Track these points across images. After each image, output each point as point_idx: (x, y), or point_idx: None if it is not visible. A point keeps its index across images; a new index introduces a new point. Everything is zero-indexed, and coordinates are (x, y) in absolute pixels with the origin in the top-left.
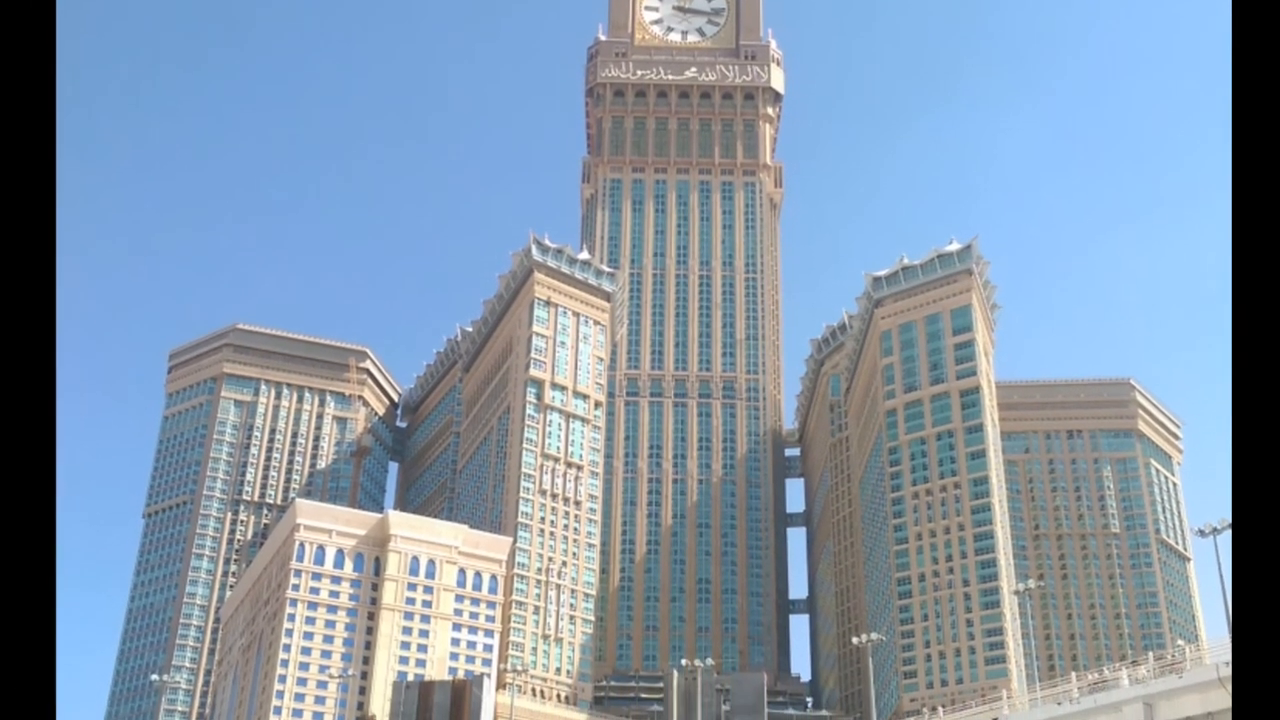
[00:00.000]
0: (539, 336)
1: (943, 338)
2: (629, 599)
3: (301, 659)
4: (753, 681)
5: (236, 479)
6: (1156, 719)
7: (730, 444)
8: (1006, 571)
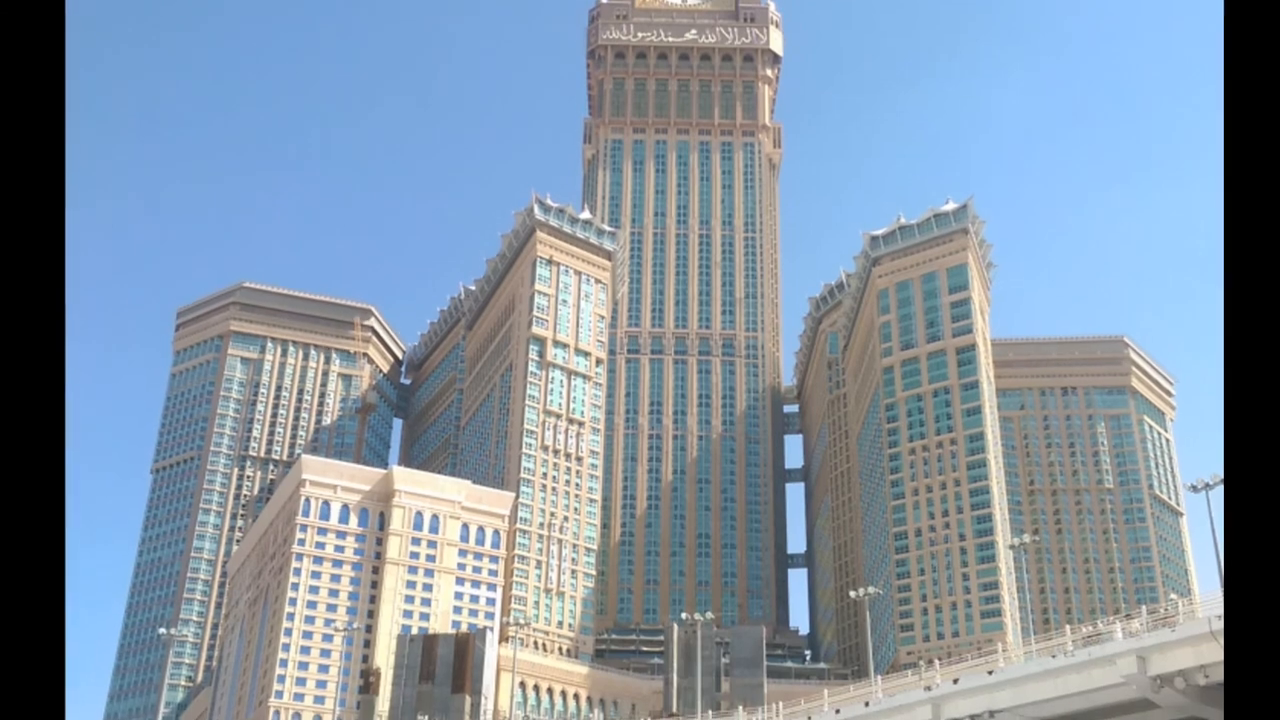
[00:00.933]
0: (541, 295)
1: (939, 296)
2: (630, 553)
3: (307, 613)
4: (752, 635)
5: (243, 435)
6: (1150, 671)
7: (730, 400)
8: (1002, 526)
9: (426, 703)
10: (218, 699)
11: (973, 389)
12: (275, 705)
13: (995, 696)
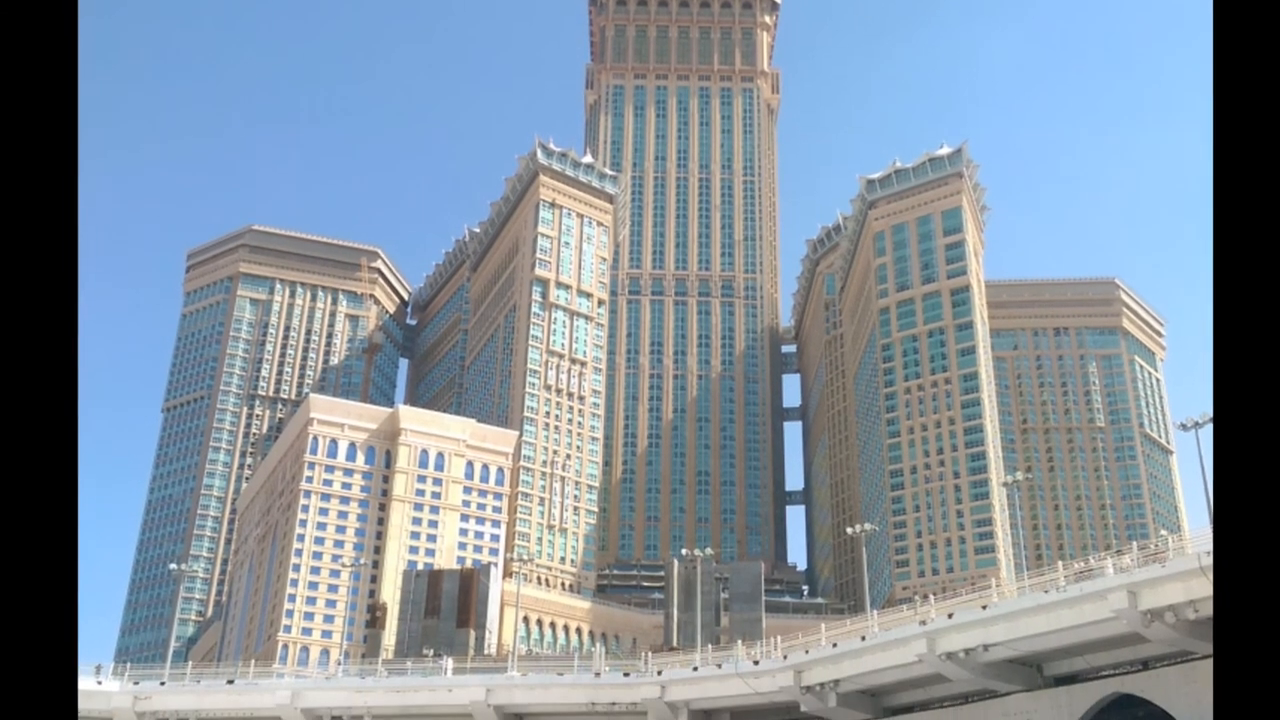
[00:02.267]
0: (544, 237)
1: (934, 238)
2: (631, 491)
3: (315, 549)
4: (750, 570)
5: (252, 375)
6: (1140, 607)
7: (729, 341)
8: (995, 464)
9: (432, 636)
10: (227, 633)
11: (967, 329)
12: (284, 639)
13: (989, 631)
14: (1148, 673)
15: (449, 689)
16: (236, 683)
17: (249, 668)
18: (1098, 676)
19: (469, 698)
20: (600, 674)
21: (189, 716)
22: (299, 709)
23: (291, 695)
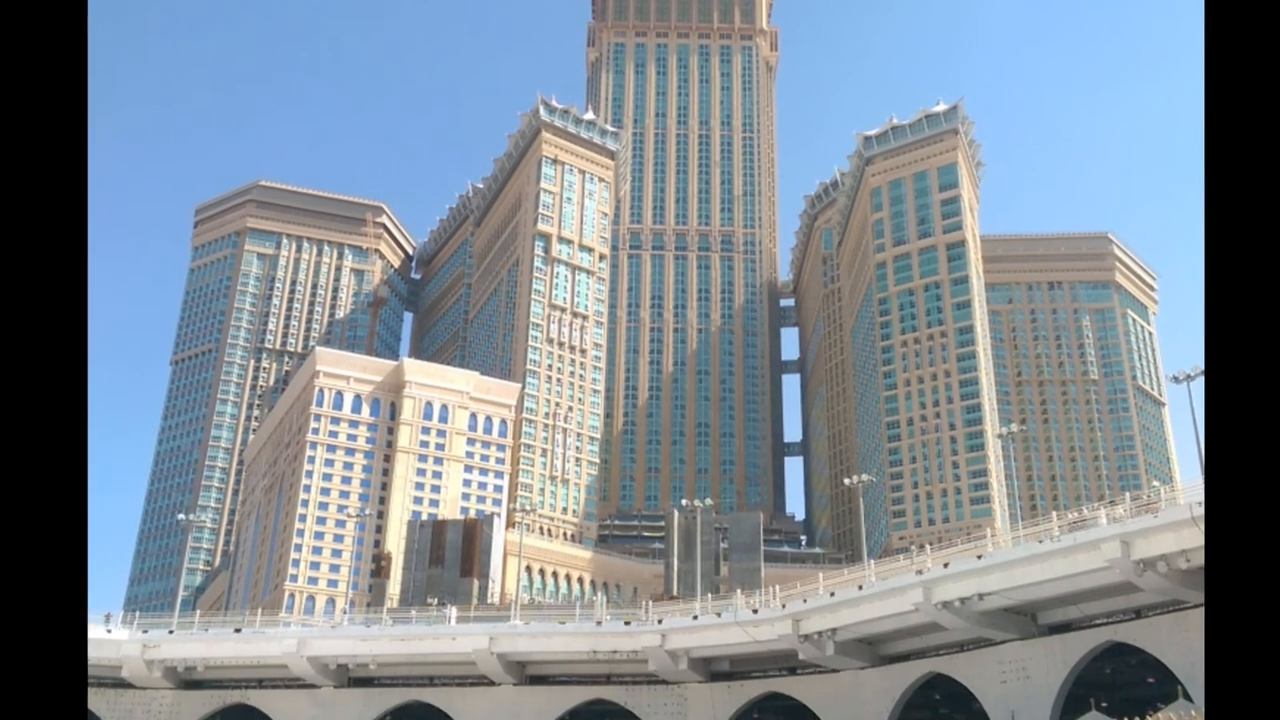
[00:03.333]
0: (546, 193)
1: (930, 194)
2: (632, 442)
3: (321, 499)
4: (750, 520)
5: (259, 328)
6: (1133, 556)
7: (728, 295)
8: (990, 416)
9: (436, 586)
10: (235, 582)
11: (962, 284)
12: (290, 588)
13: (984, 580)
14: (1140, 621)
15: (453, 638)
16: (244, 631)
17: (256, 617)
18: (1091, 625)
19: (472, 646)
20: (602, 623)
21: (197, 664)
22: (305, 657)
23: (298, 644)
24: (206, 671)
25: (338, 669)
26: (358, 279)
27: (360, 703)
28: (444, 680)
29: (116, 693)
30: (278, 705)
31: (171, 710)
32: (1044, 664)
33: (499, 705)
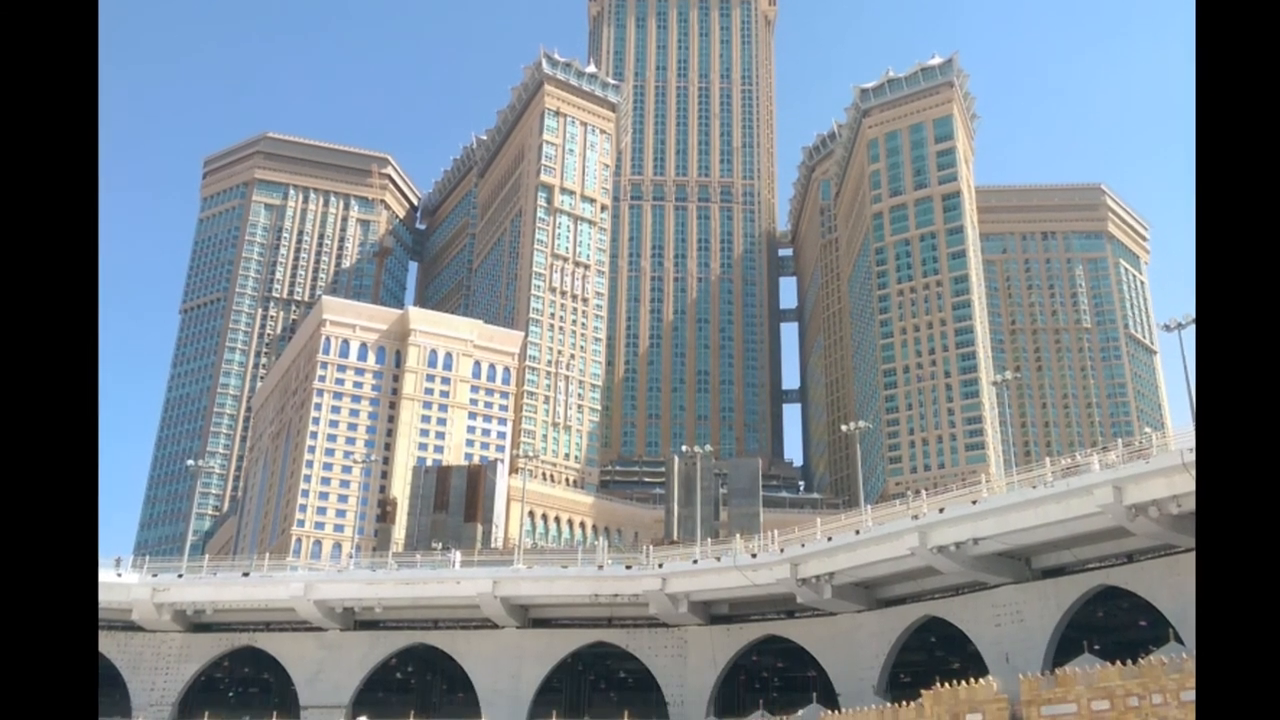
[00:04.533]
0: (549, 144)
1: (926, 145)
2: (633, 389)
3: (327, 445)
4: (748, 466)
5: (267, 277)
6: (1125, 501)
7: (727, 245)
8: (985, 364)
9: (440, 531)
10: (243, 527)
11: (957, 234)
12: (297, 533)
13: (979, 525)
14: (1132, 565)
15: (457, 581)
16: (251, 575)
17: (264, 561)
18: (1084, 569)
19: (476, 590)
20: (603, 567)
21: (205, 608)
22: (312, 601)
23: (305, 588)
24: (215, 614)
25: (344, 612)
26: (363, 229)
27: (366, 645)
28: (448, 623)
29: (127, 635)
30: (285, 648)
31: (181, 652)
32: (1037, 607)
33: (502, 648)
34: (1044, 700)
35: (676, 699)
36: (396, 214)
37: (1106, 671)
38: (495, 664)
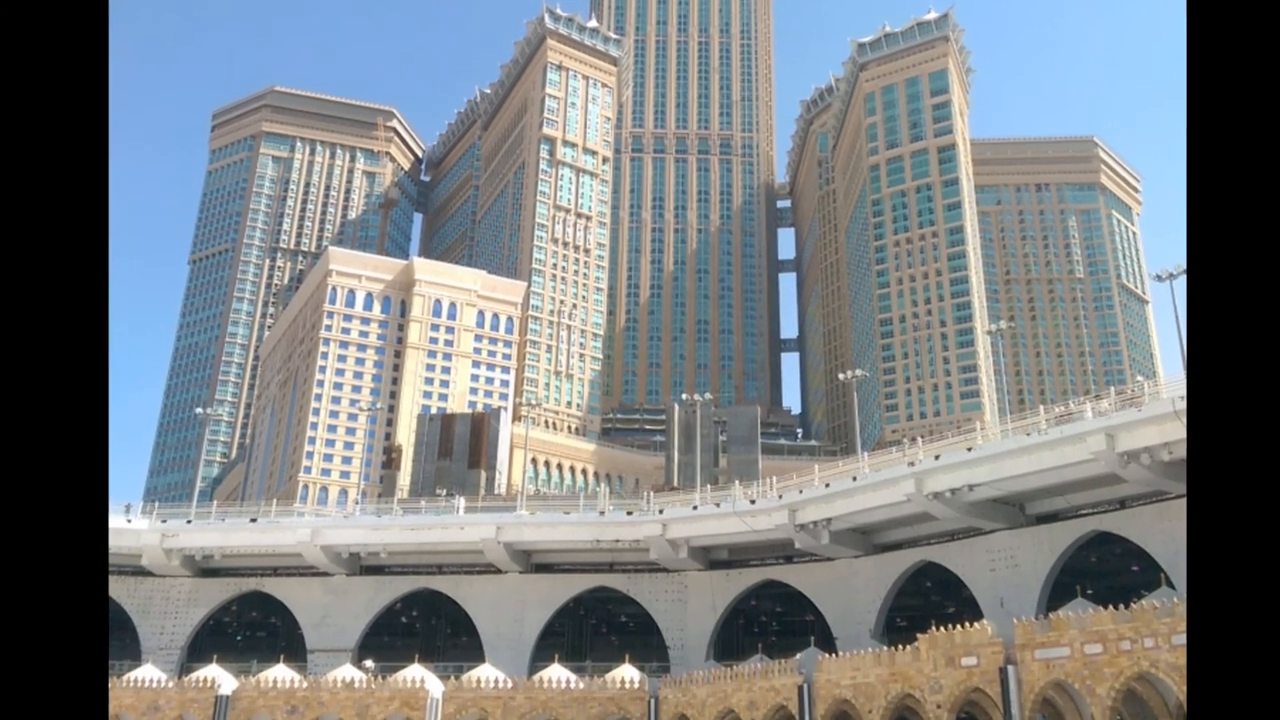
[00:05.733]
0: (551, 98)
1: (921, 99)
2: (634, 338)
3: (334, 393)
4: (747, 414)
5: (274, 229)
6: (1117, 448)
7: (726, 196)
8: (980, 313)
9: (445, 477)
10: (250, 474)
11: (953, 185)
12: (304, 480)
13: (974, 471)
14: (1124, 511)
15: (461, 527)
16: (259, 521)
17: (271, 507)
18: (1077, 515)
19: (480, 535)
20: (605, 513)
21: (214, 553)
22: (318, 546)
23: (311, 533)
24: (223, 560)
25: (350, 557)
26: (369, 181)
27: (371, 590)
28: (452, 568)
29: (136, 580)
30: (292, 592)
31: (190, 597)
32: (1031, 553)
33: (505, 592)
34: (1038, 644)
35: (677, 642)
36: (401, 166)
37: (1099, 616)
38: (498, 608)
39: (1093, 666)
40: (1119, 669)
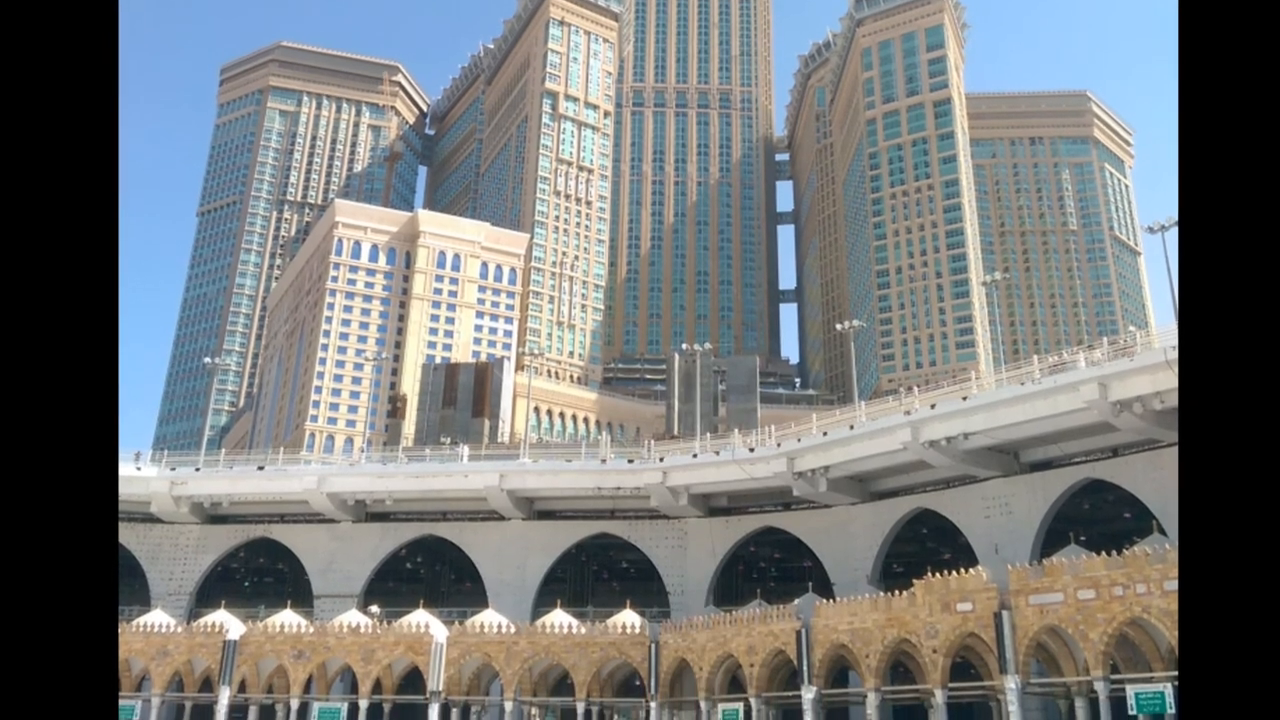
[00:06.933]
0: (554, 53)
1: (918, 54)
2: (635, 289)
3: (340, 343)
4: (746, 364)
5: (281, 181)
6: (1110, 398)
7: (726, 150)
8: (975, 264)
9: (449, 425)
10: (258, 422)
11: (948, 139)
12: (311, 428)
13: (969, 420)
14: (1117, 459)
15: (465, 475)
16: (266, 469)
17: (278, 455)
18: (1070, 463)
19: (483, 483)
20: (606, 461)
21: (222, 500)
22: (325, 494)
23: (318, 481)
24: (231, 507)
25: (355, 504)
26: (374, 134)
27: (377, 536)
28: (456, 515)
29: (146, 527)
30: (298, 539)
31: (198, 543)
32: (1025, 500)
33: (508, 539)
34: (1032, 590)
35: (677, 588)
36: (406, 120)
37: (1092, 562)
38: (501, 554)
39: (1086, 612)
40: (1111, 614)
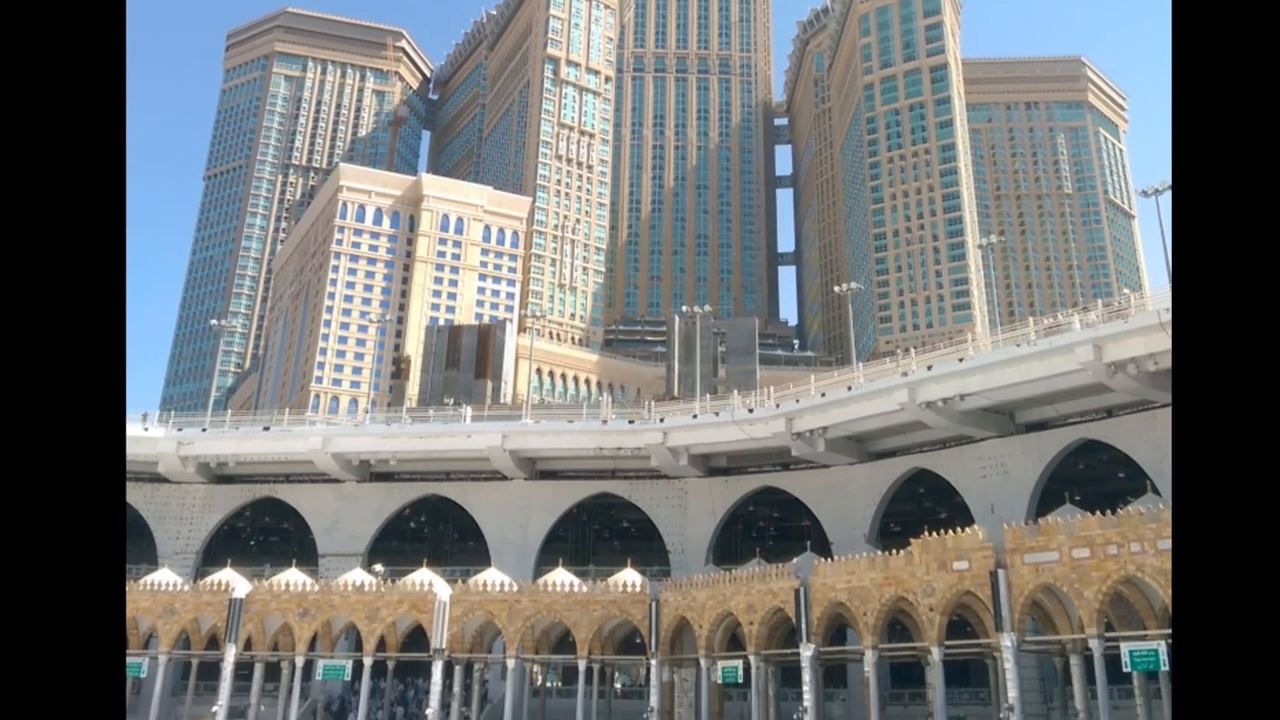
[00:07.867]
0: (555, 19)
1: (915, 19)
2: (635, 252)
3: (344, 305)
4: (745, 326)
5: (286, 145)
6: (1105, 359)
7: (725, 114)
8: (971, 228)
9: (452, 387)
10: (264, 383)
11: (945, 104)
12: (316, 389)
13: (965, 381)
14: (1111, 420)
15: (468, 435)
16: (272, 430)
17: (284, 416)
18: (1065, 423)
19: (486, 443)
20: (607, 421)
21: (228, 460)
22: (329, 454)
23: (323, 441)
24: (237, 467)
25: (360, 464)
26: (379, 100)
27: (381, 496)
28: (459, 475)
29: (153, 486)
30: (303, 498)
31: (204, 502)
32: (1021, 460)
33: (511, 498)
34: (1027, 549)
35: (677, 547)
36: (410, 85)
37: (1087, 521)
38: (504, 514)
39: (1080, 570)
40: (1106, 573)
